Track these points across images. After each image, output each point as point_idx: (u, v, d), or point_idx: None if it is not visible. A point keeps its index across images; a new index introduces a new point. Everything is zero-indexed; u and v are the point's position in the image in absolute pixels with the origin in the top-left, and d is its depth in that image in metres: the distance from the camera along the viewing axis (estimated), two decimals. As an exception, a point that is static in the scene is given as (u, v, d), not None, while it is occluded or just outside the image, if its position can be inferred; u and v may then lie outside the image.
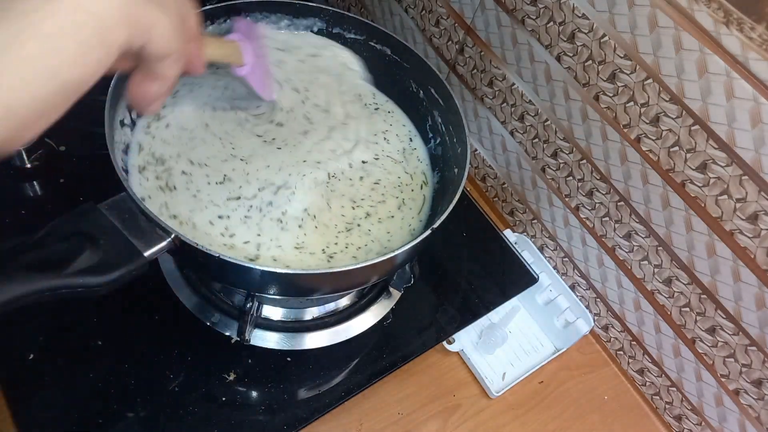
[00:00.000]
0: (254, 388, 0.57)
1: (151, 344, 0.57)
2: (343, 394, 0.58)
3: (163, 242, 0.45)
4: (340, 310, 0.63)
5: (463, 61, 0.77)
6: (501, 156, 0.77)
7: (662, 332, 0.65)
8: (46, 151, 0.65)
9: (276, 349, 0.59)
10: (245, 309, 0.55)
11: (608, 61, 0.58)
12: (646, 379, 0.69)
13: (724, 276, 0.56)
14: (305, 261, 0.52)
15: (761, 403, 0.58)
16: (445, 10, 0.76)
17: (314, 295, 0.58)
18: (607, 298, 0.70)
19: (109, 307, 0.58)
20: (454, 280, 0.69)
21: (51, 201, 0.65)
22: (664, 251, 0.61)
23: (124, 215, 0.46)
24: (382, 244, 0.56)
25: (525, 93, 0.69)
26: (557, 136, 0.67)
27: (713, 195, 0.54)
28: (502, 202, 0.80)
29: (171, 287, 0.60)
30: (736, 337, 0.57)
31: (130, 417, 0.53)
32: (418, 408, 0.63)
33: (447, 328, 0.65)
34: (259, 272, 0.46)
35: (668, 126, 0.55)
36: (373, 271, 0.51)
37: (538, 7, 0.63)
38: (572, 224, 0.70)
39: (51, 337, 0.55)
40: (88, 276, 0.43)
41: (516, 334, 0.71)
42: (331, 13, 0.64)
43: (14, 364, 0.54)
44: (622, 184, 0.62)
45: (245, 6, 0.62)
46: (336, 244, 0.54)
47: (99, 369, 0.55)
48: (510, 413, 0.65)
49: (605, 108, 0.61)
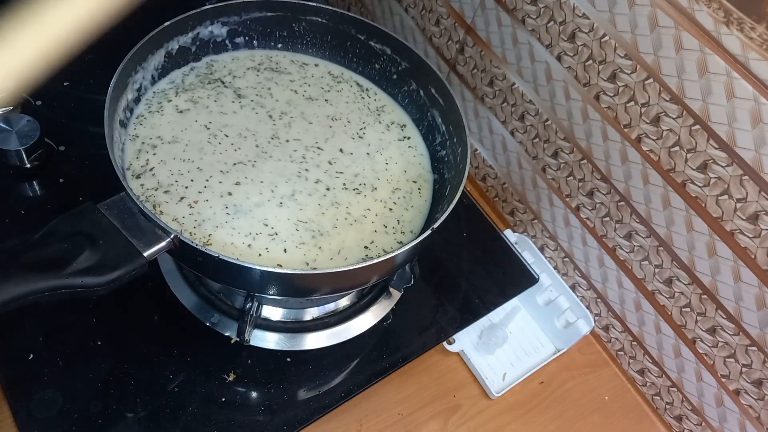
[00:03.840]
0: (254, 389, 0.57)
1: (151, 344, 0.57)
2: (342, 395, 0.58)
3: (163, 242, 0.45)
4: (340, 310, 0.63)
5: (463, 60, 0.77)
6: (501, 156, 0.76)
7: (663, 332, 0.65)
8: (45, 151, 0.65)
9: (276, 350, 0.59)
10: (245, 309, 0.55)
11: (609, 61, 0.58)
12: (647, 379, 0.69)
13: (725, 276, 0.56)
14: (306, 260, 0.52)
15: (761, 403, 0.58)
16: (445, 9, 0.76)
17: (314, 296, 0.58)
18: (607, 298, 0.70)
19: (109, 307, 0.58)
20: (455, 281, 0.69)
21: (50, 201, 0.64)
22: (665, 251, 0.61)
23: (124, 215, 0.46)
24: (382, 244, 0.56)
25: (525, 93, 0.69)
26: (558, 135, 0.67)
27: (714, 195, 0.54)
28: (503, 202, 0.80)
29: (171, 287, 0.60)
30: (737, 337, 0.57)
31: (130, 417, 0.53)
32: (418, 408, 0.63)
33: (447, 328, 0.65)
34: (259, 272, 0.46)
35: (669, 126, 0.55)
36: (373, 271, 0.51)
37: (539, 6, 0.63)
38: (573, 224, 0.70)
39: (51, 337, 0.55)
40: (88, 276, 0.43)
41: (516, 334, 0.71)
42: (331, 12, 0.64)
43: (14, 364, 0.54)
44: (622, 184, 0.62)
45: (244, 6, 0.62)
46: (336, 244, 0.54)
47: (99, 369, 0.55)
48: (510, 414, 0.65)
49: (606, 108, 0.60)
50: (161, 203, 0.52)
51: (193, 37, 0.61)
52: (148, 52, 0.57)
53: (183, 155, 0.56)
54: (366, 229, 0.56)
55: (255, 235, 0.52)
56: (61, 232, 0.44)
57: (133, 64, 0.55)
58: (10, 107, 0.66)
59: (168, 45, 0.59)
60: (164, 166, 0.55)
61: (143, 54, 0.56)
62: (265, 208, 0.54)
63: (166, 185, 0.53)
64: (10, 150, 0.62)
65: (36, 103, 0.70)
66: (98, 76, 0.53)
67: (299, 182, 0.56)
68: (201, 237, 0.51)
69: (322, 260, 0.53)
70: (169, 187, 0.53)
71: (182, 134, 0.57)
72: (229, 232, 0.52)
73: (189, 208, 0.52)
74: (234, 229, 0.52)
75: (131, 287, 0.45)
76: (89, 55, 0.75)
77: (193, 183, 0.54)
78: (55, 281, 0.42)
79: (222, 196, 0.54)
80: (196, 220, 0.52)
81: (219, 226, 0.52)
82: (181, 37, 0.60)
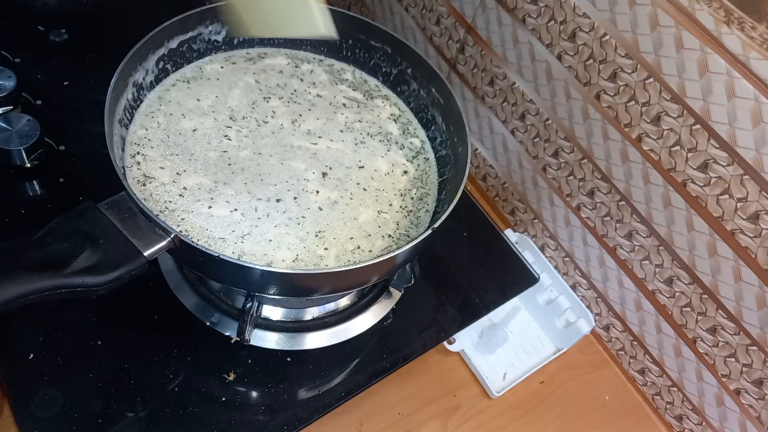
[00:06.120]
0: (254, 388, 0.57)
1: (151, 344, 0.57)
2: (343, 395, 0.58)
3: (163, 242, 0.45)
4: (340, 310, 0.63)
5: (463, 60, 0.77)
6: (502, 155, 0.76)
7: (663, 332, 0.64)
8: (45, 151, 0.65)
9: (276, 349, 0.59)
10: (245, 309, 0.55)
11: (609, 60, 0.58)
12: (647, 379, 0.69)
13: (725, 276, 0.56)
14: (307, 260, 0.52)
15: (762, 402, 0.58)
16: (445, 8, 0.76)
17: (314, 296, 0.57)
18: (608, 297, 0.70)
19: (109, 307, 0.58)
20: (455, 280, 0.69)
21: (51, 201, 0.64)
22: (666, 251, 0.61)
23: (124, 215, 0.46)
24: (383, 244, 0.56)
25: (526, 92, 0.69)
26: (558, 135, 0.67)
27: (714, 194, 0.54)
28: (503, 202, 0.79)
29: (171, 287, 0.60)
30: (737, 336, 0.57)
31: (130, 417, 0.53)
32: (419, 408, 0.63)
33: (447, 328, 0.65)
34: (259, 272, 0.46)
35: (669, 125, 0.55)
36: (373, 271, 0.51)
37: (539, 5, 0.63)
38: (573, 224, 0.70)
39: (51, 337, 0.55)
40: (88, 276, 0.43)
41: (517, 334, 0.71)
42: (331, 12, 0.64)
43: (14, 364, 0.54)
44: (623, 183, 0.62)
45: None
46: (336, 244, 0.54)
47: (99, 369, 0.55)
48: (511, 413, 0.65)
49: (606, 107, 0.60)
50: (162, 203, 0.52)
51: (194, 36, 0.61)
52: (149, 51, 0.57)
53: (184, 155, 0.56)
54: (366, 229, 0.56)
55: (255, 235, 0.52)
56: (61, 232, 0.44)
57: (133, 63, 0.55)
58: (10, 107, 0.66)
59: (168, 44, 0.59)
60: (165, 166, 0.55)
61: (143, 53, 0.56)
62: (266, 208, 0.54)
63: (167, 185, 0.53)
64: (10, 149, 0.62)
65: (36, 102, 0.70)
66: (98, 75, 0.53)
67: (301, 182, 0.56)
68: (198, 235, 0.51)
69: (322, 260, 0.53)
70: (169, 187, 0.53)
71: (183, 134, 0.57)
72: (229, 232, 0.52)
73: (188, 209, 0.52)
74: (234, 228, 0.52)
75: (131, 287, 0.45)
76: (89, 55, 0.76)
77: (194, 183, 0.54)
78: (55, 281, 0.42)
79: (223, 196, 0.54)
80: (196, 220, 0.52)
81: (219, 225, 0.52)
82: (182, 36, 0.60)
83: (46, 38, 0.76)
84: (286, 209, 0.54)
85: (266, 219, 0.53)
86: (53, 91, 0.72)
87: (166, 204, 0.52)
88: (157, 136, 0.56)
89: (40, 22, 0.77)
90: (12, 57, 0.73)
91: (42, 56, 0.75)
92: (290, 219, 0.54)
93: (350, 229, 0.55)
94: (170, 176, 0.54)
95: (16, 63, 0.73)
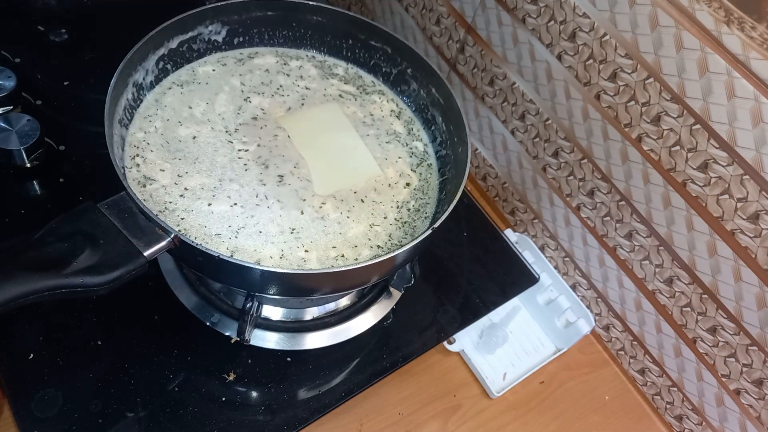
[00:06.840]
0: (254, 388, 0.57)
1: (151, 344, 0.57)
2: (343, 395, 0.58)
3: (163, 242, 0.45)
4: (340, 310, 0.63)
5: (463, 60, 0.77)
6: (502, 155, 0.76)
7: (663, 332, 0.65)
8: (46, 151, 0.65)
9: (276, 350, 0.59)
10: (245, 309, 0.55)
11: (609, 60, 0.58)
12: (647, 379, 0.69)
13: (725, 276, 0.56)
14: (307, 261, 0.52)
15: (762, 402, 0.58)
16: (445, 8, 0.76)
17: (314, 296, 0.57)
18: (608, 298, 0.70)
19: (109, 307, 0.58)
20: (455, 280, 0.69)
21: (51, 201, 0.64)
22: (666, 251, 0.61)
23: (124, 215, 0.46)
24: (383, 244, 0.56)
25: (526, 92, 0.69)
26: (558, 135, 0.67)
27: (714, 194, 0.54)
28: (503, 202, 0.79)
29: (171, 287, 0.60)
30: (737, 336, 0.57)
31: (130, 417, 0.53)
32: (419, 408, 0.63)
33: (447, 328, 0.65)
34: (259, 272, 0.46)
35: (669, 125, 0.55)
36: (373, 271, 0.51)
37: (539, 5, 0.63)
38: (573, 224, 0.70)
39: (51, 337, 0.55)
40: (88, 276, 0.43)
41: (517, 334, 0.71)
42: (332, 11, 0.64)
43: (14, 363, 0.54)
44: (623, 183, 0.62)
45: (244, 5, 0.62)
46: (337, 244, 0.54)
47: (99, 369, 0.55)
48: (511, 413, 0.65)
49: (606, 107, 0.60)
50: (162, 203, 0.52)
51: (193, 36, 0.61)
52: (149, 51, 0.57)
53: (184, 155, 0.56)
54: (367, 229, 0.56)
55: (255, 235, 0.52)
56: (61, 232, 0.44)
57: (133, 63, 0.55)
58: (10, 107, 0.66)
59: (168, 44, 0.59)
60: (165, 168, 0.55)
61: (143, 53, 0.56)
62: (266, 208, 0.54)
63: (167, 185, 0.53)
64: (10, 149, 0.62)
65: (36, 102, 0.70)
66: (98, 75, 0.53)
67: (302, 182, 0.56)
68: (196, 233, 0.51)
69: (322, 260, 0.53)
70: (170, 187, 0.53)
71: (183, 141, 0.57)
72: (229, 233, 0.52)
73: (189, 208, 0.52)
74: (234, 228, 0.52)
75: (131, 287, 0.45)
76: (89, 55, 0.76)
77: (197, 183, 0.54)
78: (55, 281, 0.42)
79: (226, 192, 0.54)
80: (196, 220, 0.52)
81: (217, 221, 0.52)
82: (182, 36, 0.60)
83: (46, 38, 0.76)
84: (288, 208, 0.54)
85: (267, 219, 0.53)
86: (53, 91, 0.72)
87: (165, 204, 0.52)
88: (156, 141, 0.56)
89: (40, 22, 0.77)
90: (12, 57, 0.73)
91: (42, 56, 0.75)
92: (291, 219, 0.54)
93: (351, 228, 0.55)
94: (171, 178, 0.54)
95: (16, 63, 0.73)
